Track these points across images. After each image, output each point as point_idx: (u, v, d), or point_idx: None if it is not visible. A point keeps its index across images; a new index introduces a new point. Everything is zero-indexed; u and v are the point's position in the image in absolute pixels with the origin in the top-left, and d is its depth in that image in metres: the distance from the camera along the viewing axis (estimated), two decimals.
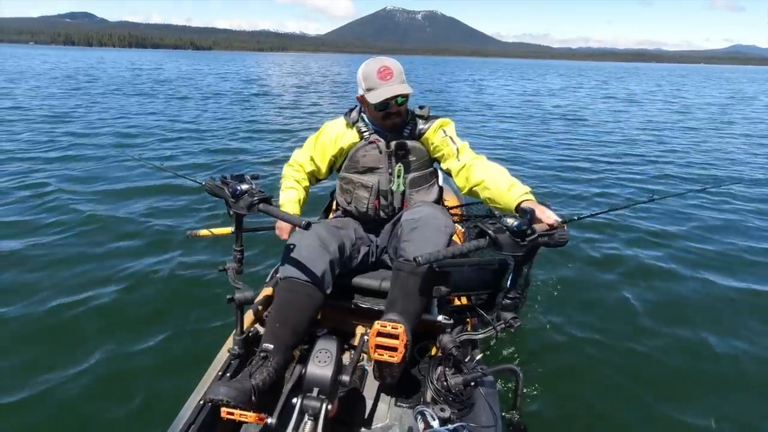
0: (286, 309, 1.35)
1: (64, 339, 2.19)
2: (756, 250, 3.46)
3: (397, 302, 1.35)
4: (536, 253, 1.22)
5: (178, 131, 7.73)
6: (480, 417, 1.22)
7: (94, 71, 23.39)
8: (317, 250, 1.39)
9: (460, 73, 37.97)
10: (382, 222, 1.69)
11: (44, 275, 2.76)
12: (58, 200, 4.05)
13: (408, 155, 1.62)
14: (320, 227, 1.47)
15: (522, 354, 2.13)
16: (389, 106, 1.54)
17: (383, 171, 1.62)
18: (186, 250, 3.15)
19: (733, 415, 1.87)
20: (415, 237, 1.38)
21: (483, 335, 1.33)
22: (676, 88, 24.95)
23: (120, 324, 2.32)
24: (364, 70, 1.56)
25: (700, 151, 7.34)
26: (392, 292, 1.38)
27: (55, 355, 2.08)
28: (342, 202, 1.71)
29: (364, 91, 1.56)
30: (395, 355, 1.20)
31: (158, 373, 1.98)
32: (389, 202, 1.64)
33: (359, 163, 1.63)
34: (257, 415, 1.11)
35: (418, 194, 1.65)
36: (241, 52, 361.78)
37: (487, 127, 9.62)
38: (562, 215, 1.28)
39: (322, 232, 1.44)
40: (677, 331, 2.42)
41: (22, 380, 1.91)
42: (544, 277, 2.93)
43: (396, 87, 1.51)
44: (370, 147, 1.62)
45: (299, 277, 1.36)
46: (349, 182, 1.66)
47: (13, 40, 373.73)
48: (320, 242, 1.41)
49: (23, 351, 2.09)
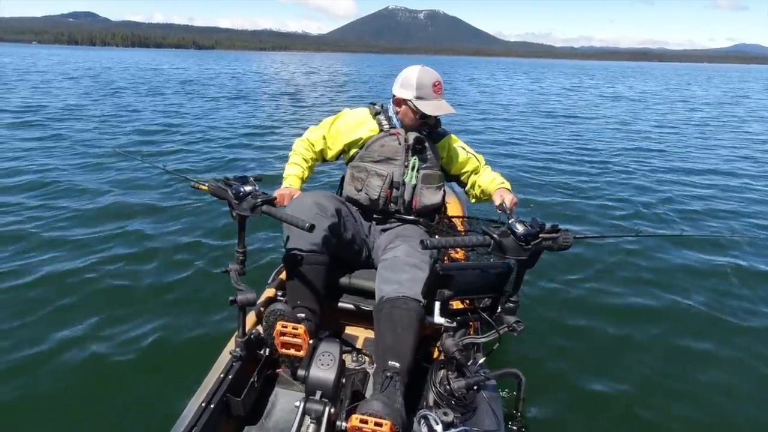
0: (299, 284, 1.44)
1: (64, 340, 2.19)
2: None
3: (387, 338, 1.30)
4: (539, 256, 1.21)
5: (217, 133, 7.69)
6: (483, 421, 1.22)
7: (121, 72, 23.23)
8: (315, 218, 1.44)
9: (475, 72, 37.85)
10: (388, 214, 1.72)
11: (45, 275, 2.76)
12: (56, 201, 4.06)
13: (424, 151, 1.70)
14: (316, 195, 1.53)
15: (525, 358, 2.13)
16: (430, 117, 1.67)
17: (399, 163, 1.67)
18: (188, 251, 3.16)
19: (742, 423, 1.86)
20: (389, 276, 1.42)
21: (486, 339, 1.32)
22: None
23: (120, 325, 2.32)
24: (419, 77, 1.64)
25: None
26: (378, 331, 1.35)
27: (56, 355, 2.08)
28: (350, 191, 1.73)
29: (413, 96, 1.63)
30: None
31: (160, 375, 1.98)
32: (400, 194, 1.68)
33: (376, 152, 1.68)
34: (306, 328, 1.24)
35: (428, 191, 1.70)
36: (244, 51, 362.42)
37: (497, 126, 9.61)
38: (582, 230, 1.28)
39: (319, 198, 1.51)
40: (683, 338, 2.40)
41: (22, 383, 1.91)
42: (548, 281, 2.92)
43: (447, 105, 1.67)
44: (390, 138, 1.69)
45: (302, 248, 1.43)
46: (363, 170, 1.69)
47: (17, 39, 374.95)
48: (318, 209, 1.47)
49: (24, 354, 2.09)
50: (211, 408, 1.23)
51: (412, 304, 1.34)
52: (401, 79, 1.68)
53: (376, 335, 1.36)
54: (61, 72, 21.11)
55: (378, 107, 1.77)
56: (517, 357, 2.12)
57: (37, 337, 2.19)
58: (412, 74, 1.65)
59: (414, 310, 1.34)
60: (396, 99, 1.70)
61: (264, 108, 11.44)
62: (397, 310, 1.33)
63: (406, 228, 1.67)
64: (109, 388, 1.90)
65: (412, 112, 1.66)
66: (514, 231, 1.15)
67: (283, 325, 1.22)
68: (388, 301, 1.36)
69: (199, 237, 3.38)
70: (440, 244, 1.19)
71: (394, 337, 1.29)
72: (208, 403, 1.24)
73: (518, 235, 1.14)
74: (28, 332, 2.23)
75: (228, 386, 1.31)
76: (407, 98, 1.65)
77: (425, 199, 1.70)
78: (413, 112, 1.65)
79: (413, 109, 1.64)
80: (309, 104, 12.72)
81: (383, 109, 1.76)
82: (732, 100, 17.84)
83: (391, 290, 1.37)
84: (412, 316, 1.33)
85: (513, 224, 1.16)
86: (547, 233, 1.17)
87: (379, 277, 1.45)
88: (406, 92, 1.65)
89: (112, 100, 11.59)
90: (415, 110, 1.64)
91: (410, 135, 1.67)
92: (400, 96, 1.67)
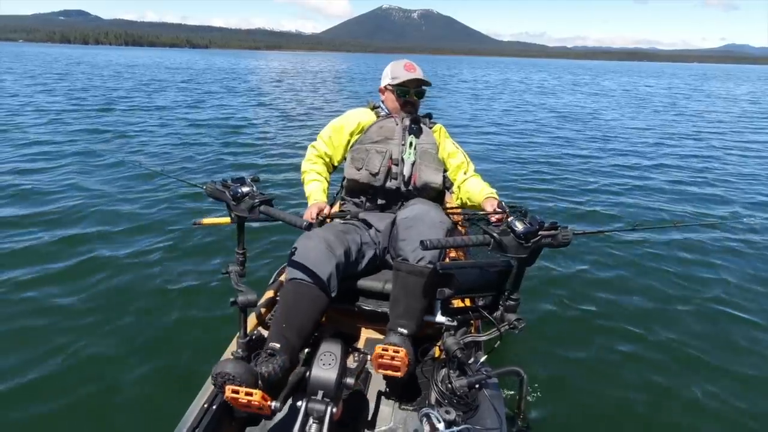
0: (292, 310, 1.36)
1: (65, 341, 2.17)
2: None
3: (400, 302, 1.40)
4: (539, 254, 1.22)
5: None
6: (485, 419, 1.22)
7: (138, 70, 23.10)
8: (324, 254, 1.41)
9: (474, 72, 37.97)
10: (391, 196, 1.75)
11: (44, 275, 2.74)
12: (52, 203, 4.02)
13: (420, 132, 1.81)
14: (328, 231, 1.50)
15: (526, 356, 2.14)
16: (409, 94, 1.80)
17: (396, 142, 1.76)
18: (188, 253, 3.15)
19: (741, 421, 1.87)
20: (412, 234, 1.43)
21: (487, 337, 1.33)
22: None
23: (122, 326, 2.32)
24: (393, 65, 1.85)
25: None
26: (394, 292, 1.45)
27: (56, 356, 2.07)
28: (351, 172, 1.78)
29: (390, 80, 1.82)
30: (398, 372, 1.27)
31: (162, 376, 1.97)
32: (400, 170, 1.74)
33: (375, 133, 1.79)
34: (263, 394, 1.10)
35: (427, 168, 1.76)
36: (238, 50, 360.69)
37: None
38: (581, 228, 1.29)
39: (330, 236, 1.47)
40: (687, 336, 2.42)
41: (26, 388, 1.89)
42: (550, 278, 2.94)
43: (416, 73, 1.80)
44: (389, 120, 1.82)
45: (305, 279, 1.37)
46: (362, 151, 1.78)
47: (6, 38, 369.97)
48: (327, 246, 1.43)
49: (25, 359, 2.07)
50: (213, 409, 1.23)
51: (427, 273, 1.39)
52: (383, 75, 1.90)
53: (392, 294, 1.45)
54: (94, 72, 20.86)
55: (373, 103, 1.94)
56: (518, 355, 2.13)
57: (38, 339, 2.18)
58: (389, 66, 1.88)
59: (429, 278, 1.39)
60: (380, 89, 1.92)
61: (263, 108, 11.38)
62: (413, 277, 1.40)
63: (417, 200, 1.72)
64: (111, 389, 1.90)
65: (394, 93, 1.83)
66: (514, 229, 1.16)
67: (233, 389, 1.10)
68: (406, 263, 1.41)
69: (200, 239, 3.36)
70: (441, 244, 1.19)
71: (406, 304, 1.39)
72: (210, 405, 1.24)
73: (518, 233, 1.15)
74: (27, 334, 2.22)
75: None
76: (386, 83, 1.85)
77: (424, 175, 1.75)
78: (393, 92, 1.83)
79: (391, 89, 1.82)
80: (309, 104, 12.68)
81: (377, 103, 1.94)
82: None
83: (409, 250, 1.41)
84: (427, 285, 1.39)
85: (512, 222, 1.17)
86: (547, 230, 1.18)
87: (401, 232, 1.48)
88: (385, 80, 1.86)
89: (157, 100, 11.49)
90: (392, 89, 1.82)
91: (406, 118, 1.81)
92: (381, 85, 1.90)
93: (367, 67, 42.06)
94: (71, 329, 2.27)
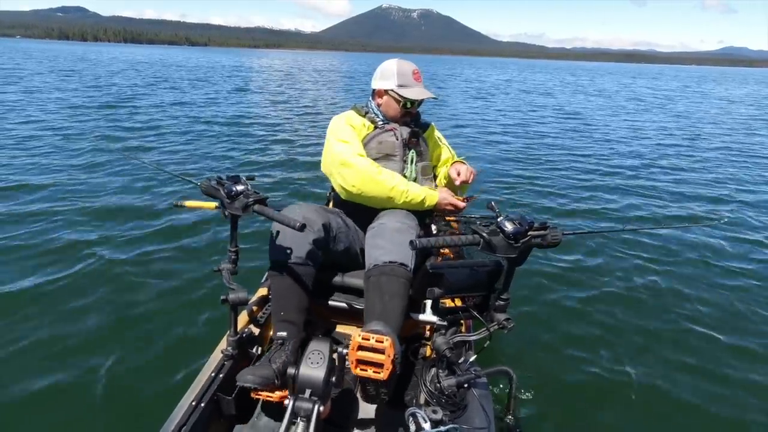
0: (284, 294, 1.39)
1: (54, 338, 2.16)
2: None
3: (375, 306, 1.32)
4: (529, 254, 1.22)
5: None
6: (473, 419, 1.23)
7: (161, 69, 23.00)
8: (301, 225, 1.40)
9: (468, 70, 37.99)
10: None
11: (43, 274, 2.73)
12: (55, 201, 4.01)
13: (419, 145, 1.72)
14: (304, 208, 1.49)
15: (516, 356, 2.14)
16: (414, 104, 1.68)
17: (398, 159, 1.66)
18: (179, 250, 3.14)
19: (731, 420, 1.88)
20: (377, 242, 1.41)
21: (477, 337, 1.33)
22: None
23: (111, 324, 2.30)
24: (399, 66, 1.66)
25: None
26: (368, 299, 1.35)
27: (43, 354, 2.06)
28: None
29: (395, 84, 1.64)
30: (380, 371, 1.09)
31: (151, 374, 1.96)
32: None
33: (375, 149, 1.65)
34: (281, 394, 1.25)
35: (427, 182, 1.72)
36: (237, 48, 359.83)
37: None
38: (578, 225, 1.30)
39: (306, 212, 1.46)
40: (678, 333, 2.44)
41: (14, 382, 1.88)
42: (539, 278, 2.94)
43: (427, 91, 1.69)
44: (388, 134, 1.67)
45: (286, 259, 1.39)
46: None
47: (6, 34, 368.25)
48: (303, 218, 1.41)
49: (13, 353, 2.06)
50: (201, 407, 1.23)
51: (399, 270, 1.34)
52: (380, 72, 1.69)
53: (366, 302, 1.36)
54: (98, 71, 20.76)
55: (361, 107, 1.75)
56: (508, 355, 2.14)
57: (25, 338, 2.16)
58: (391, 65, 1.67)
59: (401, 276, 1.34)
60: (377, 91, 1.70)
61: (263, 108, 11.36)
62: (384, 276, 1.34)
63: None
64: (98, 387, 1.89)
65: (396, 101, 1.66)
66: (503, 229, 1.15)
67: (258, 395, 1.26)
68: (376, 267, 1.36)
69: (191, 236, 3.36)
70: (429, 244, 1.18)
71: (383, 305, 1.31)
72: (198, 402, 1.24)
73: (507, 233, 1.14)
74: (17, 332, 2.20)
75: (219, 385, 1.31)
76: (389, 88, 1.65)
77: None
78: (396, 101, 1.66)
79: (396, 97, 1.65)
80: (309, 104, 12.66)
81: (368, 107, 1.74)
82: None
83: (378, 255, 1.37)
84: (400, 282, 1.33)
85: (502, 222, 1.16)
86: (536, 230, 1.17)
87: (367, 245, 1.44)
88: (387, 82, 1.66)
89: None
90: (398, 98, 1.64)
91: (403, 130, 1.68)
92: (381, 87, 1.68)
93: (368, 67, 41.97)
94: (57, 326, 2.25)
